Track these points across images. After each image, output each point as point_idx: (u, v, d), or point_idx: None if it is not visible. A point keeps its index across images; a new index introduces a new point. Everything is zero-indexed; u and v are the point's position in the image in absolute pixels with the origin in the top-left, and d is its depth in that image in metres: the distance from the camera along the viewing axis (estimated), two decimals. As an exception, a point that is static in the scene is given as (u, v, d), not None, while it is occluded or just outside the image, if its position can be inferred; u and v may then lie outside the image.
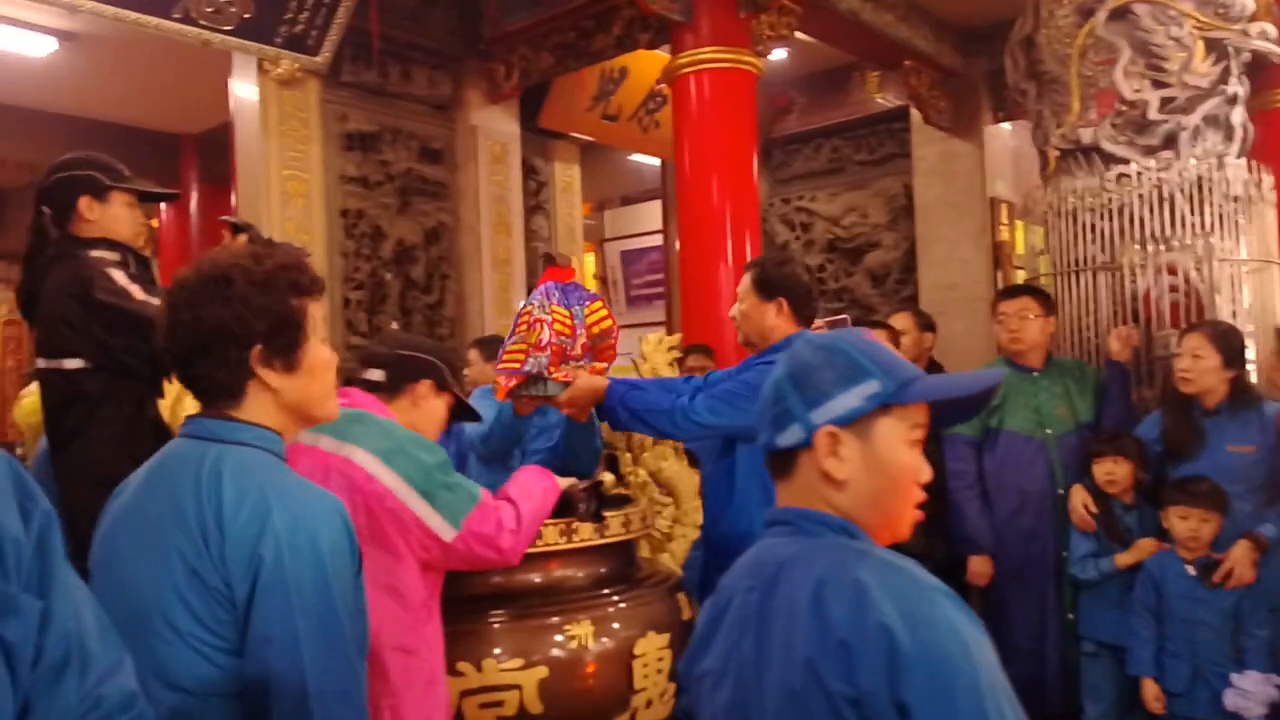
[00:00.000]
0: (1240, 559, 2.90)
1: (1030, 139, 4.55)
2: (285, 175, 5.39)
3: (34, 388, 3.57)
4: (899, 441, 1.14)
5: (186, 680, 1.26)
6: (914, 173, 7.50)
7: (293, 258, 1.45)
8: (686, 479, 3.38)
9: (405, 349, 2.18)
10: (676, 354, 3.83)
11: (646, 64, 6.93)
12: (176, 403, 2.84)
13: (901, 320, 4.74)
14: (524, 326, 2.51)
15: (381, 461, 1.88)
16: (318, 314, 1.46)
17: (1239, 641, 2.90)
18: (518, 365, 2.52)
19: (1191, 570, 2.99)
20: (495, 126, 6.45)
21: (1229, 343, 3.16)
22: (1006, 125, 7.28)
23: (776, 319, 2.68)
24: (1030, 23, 4.30)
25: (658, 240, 9.47)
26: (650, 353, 3.49)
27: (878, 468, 1.13)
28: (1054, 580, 3.52)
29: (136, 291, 2.45)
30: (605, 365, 2.70)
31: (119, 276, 2.46)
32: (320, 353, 1.45)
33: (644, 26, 5.67)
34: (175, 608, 1.27)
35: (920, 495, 1.17)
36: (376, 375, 2.12)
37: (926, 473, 1.17)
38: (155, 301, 2.37)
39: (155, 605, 1.28)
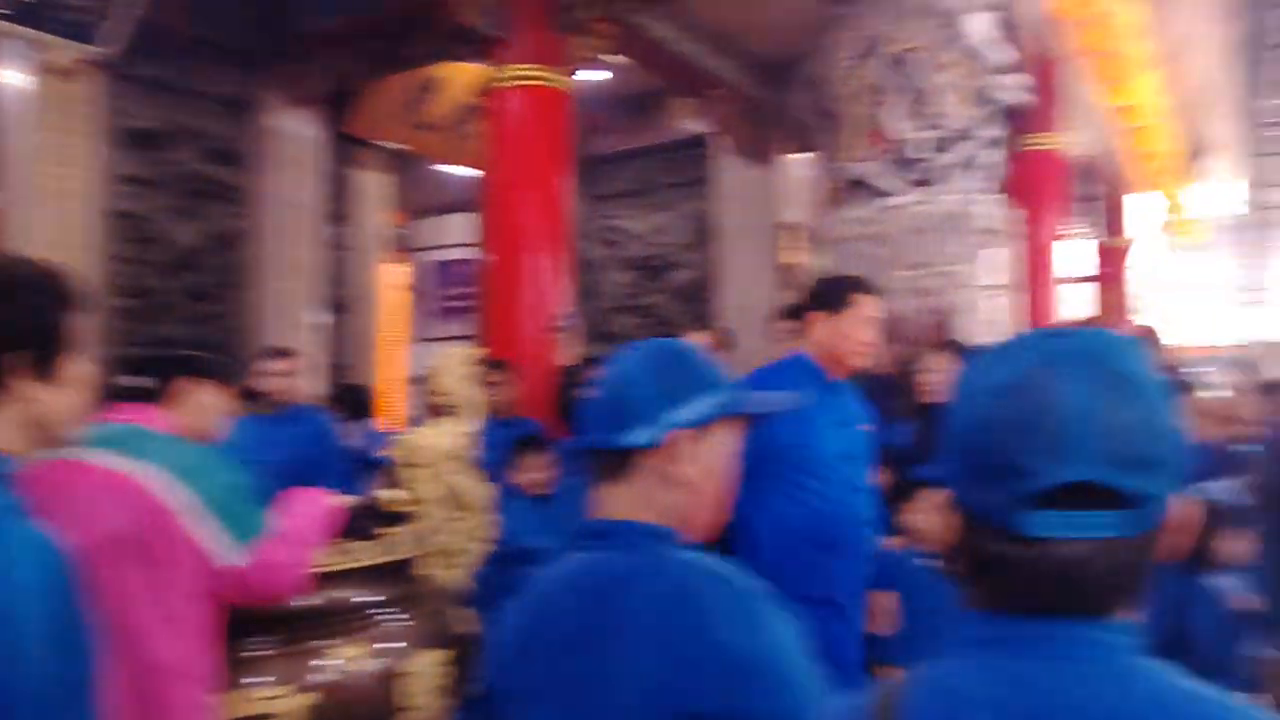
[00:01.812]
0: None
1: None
2: (57, 173, 5.02)
3: None
4: (730, 450, 1.21)
5: None
6: (715, 197, 7.82)
7: (51, 266, 1.36)
8: (478, 493, 3.38)
9: (159, 349, 2.13)
10: (477, 370, 3.82)
11: (463, 75, 6.89)
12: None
13: (702, 337, 4.89)
14: None
15: (172, 478, 1.81)
16: (79, 326, 1.38)
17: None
18: None
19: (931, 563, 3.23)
20: (296, 130, 6.24)
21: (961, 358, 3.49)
22: (801, 155, 7.67)
23: None
24: (818, 62, 4.58)
25: (471, 253, 9.41)
26: (442, 369, 3.48)
27: (715, 473, 1.19)
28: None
29: None
30: None
31: None
32: (78, 367, 1.36)
33: (459, 38, 5.62)
34: None
35: (730, 500, 1.24)
36: (138, 382, 2.05)
37: (735, 480, 1.24)
38: None
39: None
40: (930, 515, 3.25)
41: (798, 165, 7.66)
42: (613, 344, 7.67)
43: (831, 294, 2.78)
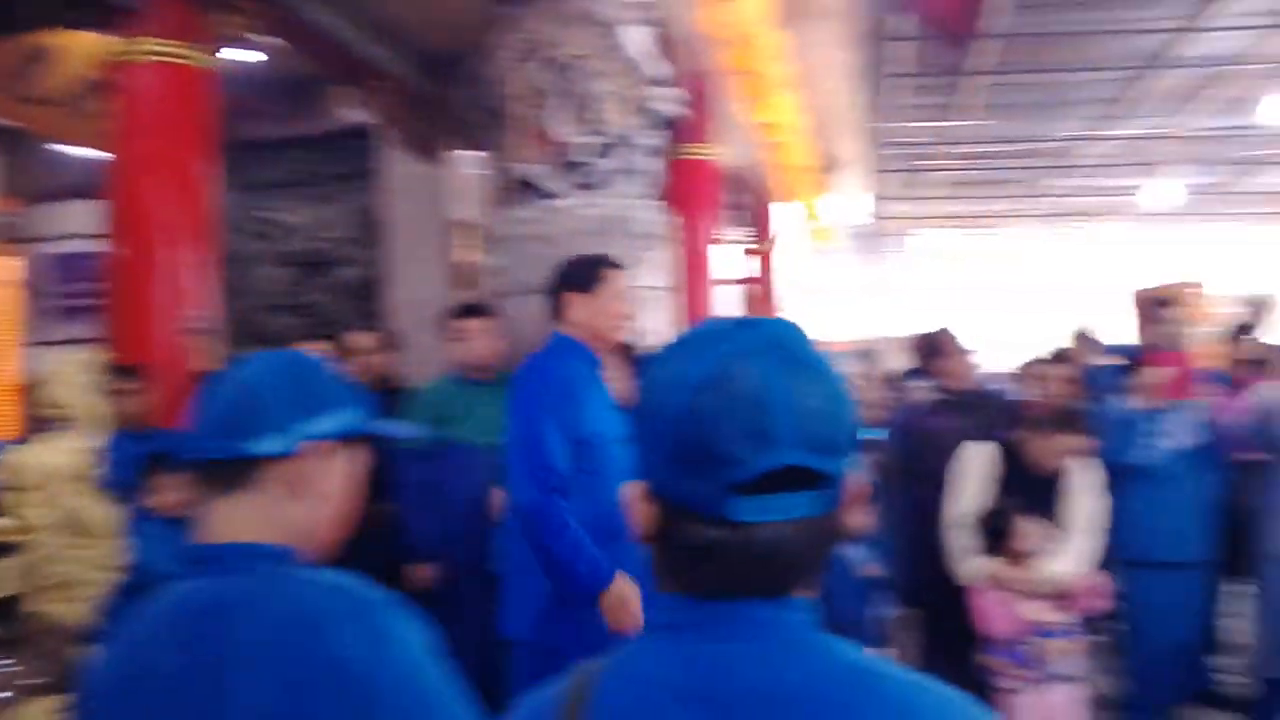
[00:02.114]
0: None
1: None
2: None
3: None
4: (356, 467, 1.22)
5: None
6: (383, 191, 7.57)
7: None
8: (103, 516, 3.04)
9: None
10: (101, 377, 3.45)
11: (82, 45, 6.12)
12: None
13: (364, 339, 4.74)
14: None
15: None
16: None
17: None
18: None
19: None
20: None
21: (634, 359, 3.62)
22: (472, 152, 7.62)
23: None
24: (483, 60, 4.55)
25: (97, 244, 8.40)
26: (56, 377, 3.08)
27: (341, 487, 1.19)
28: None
29: None
30: None
31: None
32: None
33: (75, 5, 5.00)
34: None
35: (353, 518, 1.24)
36: None
37: (360, 497, 1.25)
38: None
39: None
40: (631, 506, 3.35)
41: (468, 162, 7.61)
42: (270, 345, 7.22)
43: (582, 274, 2.86)
